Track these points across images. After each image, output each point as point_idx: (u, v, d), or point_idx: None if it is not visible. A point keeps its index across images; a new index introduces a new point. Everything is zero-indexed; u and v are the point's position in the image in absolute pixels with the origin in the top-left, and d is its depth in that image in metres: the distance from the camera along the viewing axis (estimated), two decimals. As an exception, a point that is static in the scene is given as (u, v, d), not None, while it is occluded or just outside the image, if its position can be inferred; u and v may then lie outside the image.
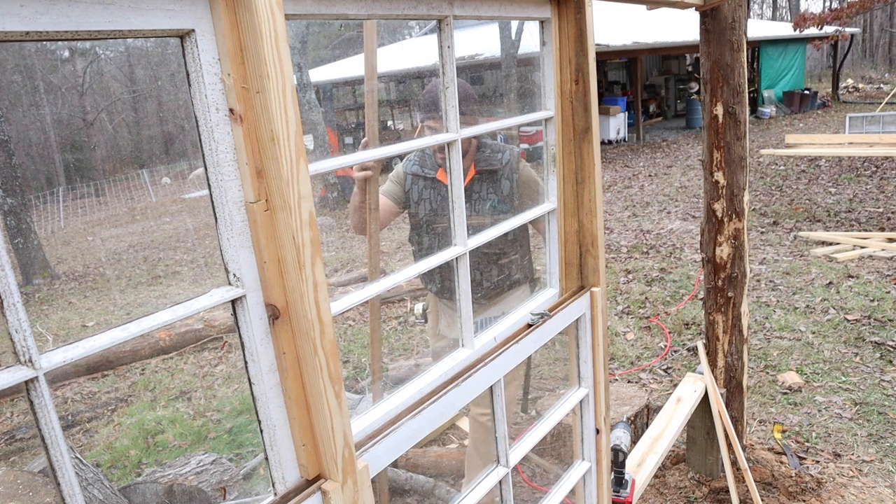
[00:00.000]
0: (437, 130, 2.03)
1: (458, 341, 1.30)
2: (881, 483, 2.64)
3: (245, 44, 0.78)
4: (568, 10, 1.40)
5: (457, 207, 1.24)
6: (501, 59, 12.80)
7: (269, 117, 0.78)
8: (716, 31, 2.39)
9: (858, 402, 3.24)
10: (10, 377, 0.63)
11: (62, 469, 0.67)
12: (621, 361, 4.01)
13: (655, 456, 2.24)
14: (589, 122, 1.45)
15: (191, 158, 24.85)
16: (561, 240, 1.54)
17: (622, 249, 6.54)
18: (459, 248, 1.25)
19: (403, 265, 5.10)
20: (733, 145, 2.48)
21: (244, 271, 0.83)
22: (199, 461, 2.96)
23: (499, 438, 1.35)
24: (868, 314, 4.21)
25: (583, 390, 1.61)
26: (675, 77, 19.37)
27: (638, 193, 9.47)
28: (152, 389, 4.62)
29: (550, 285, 1.57)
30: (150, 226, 13.92)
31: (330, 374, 0.89)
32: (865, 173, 8.78)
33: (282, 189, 0.81)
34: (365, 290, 1.05)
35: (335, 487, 0.91)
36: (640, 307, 4.87)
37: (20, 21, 0.61)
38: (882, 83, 24.77)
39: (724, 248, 2.60)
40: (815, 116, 16.54)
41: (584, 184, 1.50)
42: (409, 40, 23.03)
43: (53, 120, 24.05)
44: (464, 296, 1.27)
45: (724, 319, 2.66)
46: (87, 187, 21.07)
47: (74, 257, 11.79)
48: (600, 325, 1.59)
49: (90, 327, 6.63)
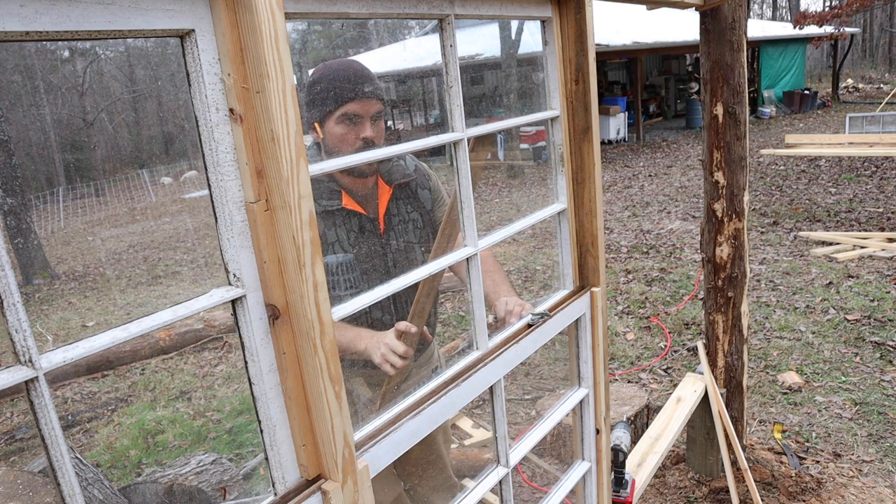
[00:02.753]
0: (360, 118, 1.57)
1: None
2: (881, 483, 2.64)
3: (245, 43, 0.78)
4: (568, 9, 1.40)
5: (465, 208, 1.24)
6: (501, 59, 12.81)
7: (269, 117, 0.78)
8: (716, 31, 2.39)
9: (858, 402, 3.24)
10: (10, 377, 0.63)
11: (62, 469, 0.67)
12: (621, 361, 4.01)
13: (655, 456, 2.24)
14: (589, 122, 1.45)
15: (191, 158, 24.84)
16: (573, 240, 1.54)
17: (622, 249, 6.54)
18: (470, 248, 1.25)
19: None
20: (733, 145, 2.48)
21: (244, 271, 0.83)
22: (199, 461, 2.96)
23: (499, 438, 1.35)
24: (868, 314, 4.21)
25: (583, 390, 1.61)
26: (675, 77, 19.38)
27: (638, 193, 9.47)
28: (152, 389, 4.62)
29: (564, 286, 1.57)
30: (150, 226, 13.91)
31: (330, 374, 0.89)
32: (865, 173, 8.78)
33: (282, 189, 0.81)
34: (377, 290, 1.05)
35: (335, 487, 0.91)
36: (640, 307, 4.87)
37: (20, 21, 0.61)
38: (882, 83, 24.77)
39: (724, 248, 2.59)
40: (815, 116, 16.54)
41: (584, 184, 1.50)
42: (409, 40, 23.02)
43: (53, 120, 24.05)
44: (476, 297, 1.27)
45: (724, 319, 2.66)
46: (87, 187, 21.06)
47: (74, 257, 11.78)
48: (600, 325, 1.59)
49: (90, 327, 6.62)
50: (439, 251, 1.52)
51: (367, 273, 1.70)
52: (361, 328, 1.62)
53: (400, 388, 1.67)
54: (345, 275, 1.67)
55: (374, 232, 1.72)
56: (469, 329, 1.41)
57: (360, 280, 1.69)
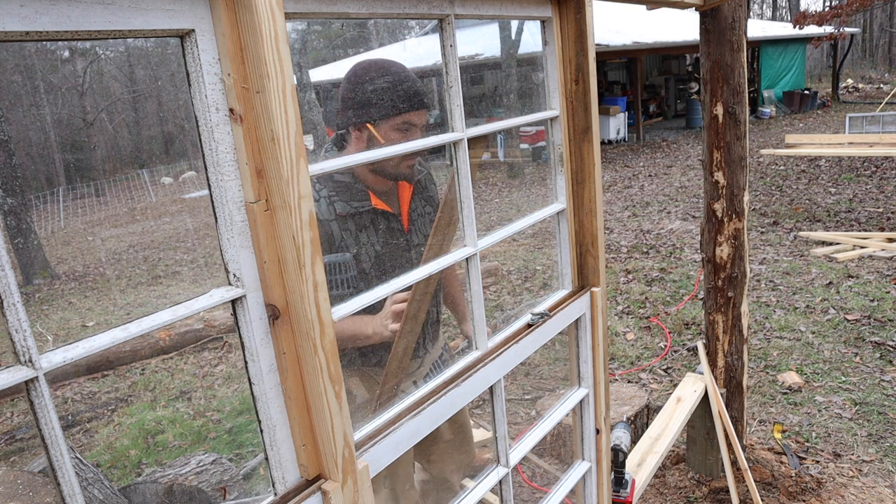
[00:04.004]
0: (414, 128, 1.62)
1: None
2: (881, 483, 2.64)
3: (245, 43, 0.78)
4: (568, 9, 1.40)
5: (465, 208, 1.24)
6: (501, 59, 12.80)
7: (269, 117, 0.78)
8: (716, 31, 2.39)
9: (858, 401, 3.24)
10: (11, 377, 0.63)
11: (62, 469, 0.67)
12: (621, 361, 4.01)
13: (655, 456, 2.24)
14: (589, 122, 1.45)
15: (191, 158, 24.87)
16: (572, 240, 1.54)
17: (622, 249, 6.54)
18: (469, 248, 1.25)
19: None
20: (733, 145, 2.48)
21: (244, 271, 0.83)
22: (199, 461, 2.96)
23: (499, 438, 1.35)
24: (868, 314, 4.21)
25: (583, 390, 1.61)
26: (675, 77, 19.38)
27: (638, 193, 9.47)
28: (152, 389, 4.63)
29: (563, 286, 1.57)
30: (150, 226, 13.92)
31: (330, 374, 0.89)
32: (865, 173, 8.78)
33: (282, 189, 0.81)
34: (376, 290, 1.05)
35: (335, 487, 0.91)
36: (640, 307, 4.87)
37: (20, 21, 0.61)
38: (882, 83, 24.78)
39: (724, 248, 2.60)
40: (814, 116, 16.54)
41: (583, 184, 1.50)
42: (409, 40, 23.01)
43: (53, 120, 24.07)
44: (475, 296, 1.27)
45: (724, 319, 2.66)
46: (87, 187, 21.09)
47: (74, 257, 11.79)
48: (600, 325, 1.59)
49: (90, 327, 6.63)
50: (432, 254, 1.52)
51: (395, 269, 1.72)
52: (357, 315, 1.60)
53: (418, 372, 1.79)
54: (376, 271, 1.70)
55: (400, 229, 1.76)
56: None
57: (390, 276, 1.70)
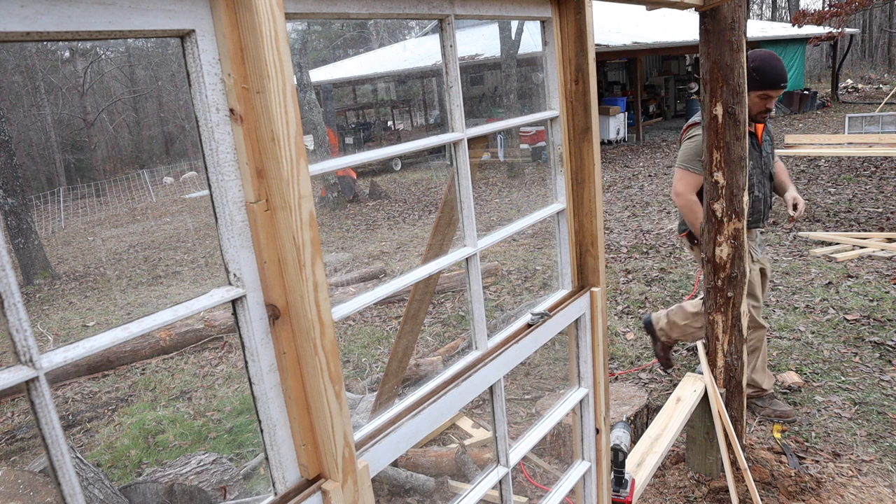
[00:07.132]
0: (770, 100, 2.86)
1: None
2: (880, 483, 2.64)
3: (245, 44, 0.78)
4: (568, 10, 1.40)
5: (465, 208, 1.24)
6: (501, 59, 12.81)
7: (269, 117, 0.79)
8: (715, 32, 2.39)
9: (858, 401, 3.24)
10: (11, 377, 0.63)
11: (63, 469, 0.68)
12: (621, 361, 4.01)
13: (655, 456, 2.24)
14: (589, 122, 1.45)
15: (191, 158, 24.88)
16: (571, 240, 1.54)
17: (622, 249, 6.54)
18: (469, 248, 1.25)
19: (405, 265, 5.01)
20: (733, 145, 2.48)
21: (244, 271, 0.83)
22: (200, 461, 2.96)
23: (499, 438, 1.35)
24: (867, 314, 4.21)
25: (583, 390, 1.61)
26: (675, 77, 19.39)
27: (638, 193, 9.47)
28: (153, 389, 4.63)
29: (563, 286, 1.57)
30: (151, 226, 13.93)
31: (330, 374, 0.89)
32: (865, 173, 8.78)
33: (282, 189, 0.81)
34: (377, 291, 1.05)
35: (335, 487, 0.91)
36: (640, 307, 4.87)
37: (21, 21, 0.61)
38: (881, 83, 24.78)
39: (723, 248, 2.60)
40: (814, 116, 16.54)
41: (583, 184, 1.50)
42: (409, 40, 23.01)
43: (54, 120, 24.08)
44: (475, 296, 1.27)
45: (724, 319, 2.67)
46: (87, 187, 21.09)
47: (75, 257, 11.79)
48: (600, 325, 1.59)
49: (91, 327, 6.63)
50: (432, 254, 1.53)
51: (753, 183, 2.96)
52: None
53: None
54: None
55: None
56: (469, 329, 1.43)
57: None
